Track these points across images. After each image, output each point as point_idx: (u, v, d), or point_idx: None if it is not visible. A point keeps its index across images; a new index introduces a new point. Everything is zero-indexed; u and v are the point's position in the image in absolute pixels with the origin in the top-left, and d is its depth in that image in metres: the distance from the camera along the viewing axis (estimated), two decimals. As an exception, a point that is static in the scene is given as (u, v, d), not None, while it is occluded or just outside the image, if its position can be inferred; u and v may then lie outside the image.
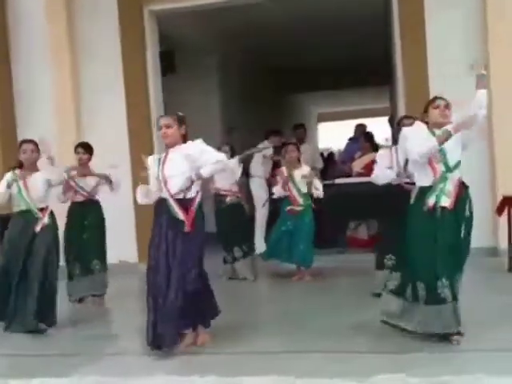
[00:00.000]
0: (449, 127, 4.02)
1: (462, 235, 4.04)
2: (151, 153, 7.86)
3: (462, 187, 4.10)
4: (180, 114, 4.30)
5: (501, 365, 3.48)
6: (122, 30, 7.88)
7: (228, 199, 6.86)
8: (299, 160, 6.79)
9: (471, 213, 4.13)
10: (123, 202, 7.08)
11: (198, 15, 9.06)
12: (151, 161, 4.37)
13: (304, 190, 6.63)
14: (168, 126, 4.22)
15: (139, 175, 4.50)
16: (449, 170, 4.08)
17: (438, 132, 4.07)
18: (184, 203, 4.15)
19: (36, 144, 5.08)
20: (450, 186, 4.03)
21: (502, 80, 6.85)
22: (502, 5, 6.98)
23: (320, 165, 9.47)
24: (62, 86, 7.85)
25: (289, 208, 6.63)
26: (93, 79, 7.97)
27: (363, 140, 9.19)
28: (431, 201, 4.00)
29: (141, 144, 7.85)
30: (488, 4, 6.99)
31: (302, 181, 6.62)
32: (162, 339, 4.04)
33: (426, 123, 4.26)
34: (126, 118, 7.93)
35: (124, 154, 7.78)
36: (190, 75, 10.32)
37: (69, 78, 7.86)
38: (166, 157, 4.26)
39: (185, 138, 4.27)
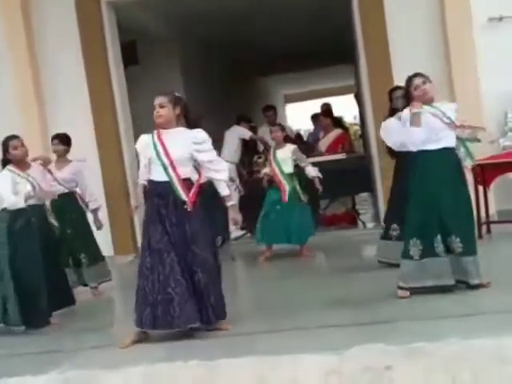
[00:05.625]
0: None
1: None
2: (118, 145, 7.89)
3: None
4: (176, 93, 4.22)
5: (473, 329, 3.57)
6: (81, 23, 7.80)
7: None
8: (285, 140, 6.84)
9: None
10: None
11: (156, 4, 8.99)
12: (143, 144, 4.26)
13: (287, 170, 6.63)
14: (162, 106, 4.12)
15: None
16: None
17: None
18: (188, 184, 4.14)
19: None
20: None
21: (461, 57, 7.08)
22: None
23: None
24: (22, 83, 7.76)
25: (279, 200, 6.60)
26: (54, 75, 7.89)
27: (323, 118, 9.24)
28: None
29: (108, 137, 7.83)
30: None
31: (285, 161, 6.63)
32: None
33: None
34: (90, 111, 7.87)
35: (91, 148, 7.75)
36: (152, 65, 10.25)
37: (30, 74, 7.77)
38: (161, 138, 4.14)
39: (179, 120, 4.17)
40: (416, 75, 4.43)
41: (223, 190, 4.24)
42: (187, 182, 4.15)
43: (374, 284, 4.86)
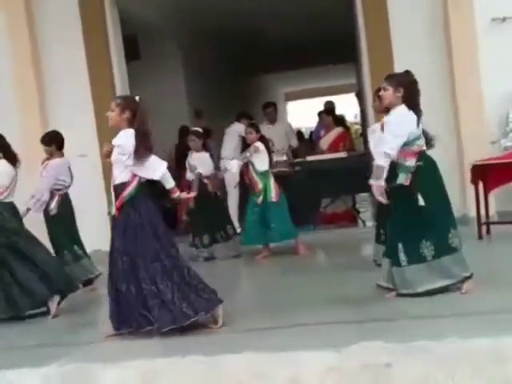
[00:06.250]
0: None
1: None
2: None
3: None
4: (136, 98, 4.22)
5: (472, 328, 3.58)
6: (83, 17, 7.81)
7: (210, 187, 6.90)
8: (260, 140, 6.78)
9: None
10: (94, 191, 7.04)
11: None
12: None
13: (260, 168, 6.66)
14: (111, 110, 4.16)
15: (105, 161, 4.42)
16: None
17: None
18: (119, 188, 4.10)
19: None
20: None
21: (463, 56, 7.08)
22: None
23: (295, 143, 9.47)
24: (24, 77, 7.77)
25: (258, 203, 6.64)
26: (56, 69, 7.89)
27: (325, 116, 9.24)
28: None
29: (108, 132, 7.79)
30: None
31: (257, 160, 6.66)
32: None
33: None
34: (92, 106, 7.87)
35: (93, 143, 7.73)
36: (154, 61, 10.25)
37: (31, 68, 7.78)
38: None
39: (130, 123, 4.11)
40: (385, 78, 4.42)
41: (166, 184, 4.19)
42: (122, 187, 4.09)
43: (374, 282, 4.84)
